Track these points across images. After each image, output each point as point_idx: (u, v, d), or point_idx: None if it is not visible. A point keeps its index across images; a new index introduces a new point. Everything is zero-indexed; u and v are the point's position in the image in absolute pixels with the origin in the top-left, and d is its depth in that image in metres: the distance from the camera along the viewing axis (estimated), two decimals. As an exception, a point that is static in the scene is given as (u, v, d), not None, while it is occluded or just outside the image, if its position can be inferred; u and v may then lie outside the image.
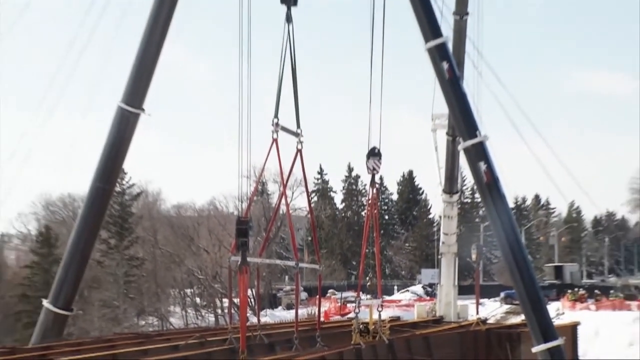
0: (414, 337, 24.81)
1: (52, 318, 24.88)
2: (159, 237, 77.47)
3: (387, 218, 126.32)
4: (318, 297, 24.99)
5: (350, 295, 70.71)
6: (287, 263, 72.18)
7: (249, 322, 22.88)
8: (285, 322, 33.18)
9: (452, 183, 33.86)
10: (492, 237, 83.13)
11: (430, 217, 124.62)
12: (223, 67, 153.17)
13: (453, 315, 33.06)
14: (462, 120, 24.09)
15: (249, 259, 16.44)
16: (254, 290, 31.81)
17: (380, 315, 22.76)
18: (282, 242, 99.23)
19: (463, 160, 27.47)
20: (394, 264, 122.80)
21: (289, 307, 76.08)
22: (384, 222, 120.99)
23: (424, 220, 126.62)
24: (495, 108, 26.08)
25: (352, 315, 24.47)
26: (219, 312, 70.62)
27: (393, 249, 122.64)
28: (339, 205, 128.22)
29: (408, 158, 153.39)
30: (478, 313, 32.47)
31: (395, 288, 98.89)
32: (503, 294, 77.32)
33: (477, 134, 23.49)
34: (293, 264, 21.96)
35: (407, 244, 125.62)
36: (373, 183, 23.80)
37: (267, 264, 45.54)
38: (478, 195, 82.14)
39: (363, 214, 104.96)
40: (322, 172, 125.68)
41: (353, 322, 22.44)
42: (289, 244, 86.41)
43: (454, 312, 33.35)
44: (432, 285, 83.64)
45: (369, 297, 31.75)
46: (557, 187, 28.46)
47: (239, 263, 16.04)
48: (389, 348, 22.38)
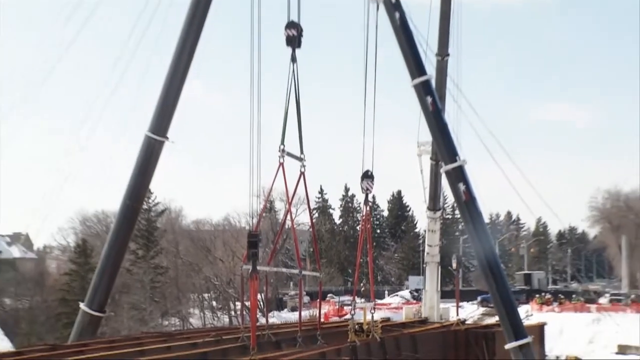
0: (403, 335, 24.77)
1: (87, 319, 24.82)
2: (180, 248, 77.12)
3: (379, 232, 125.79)
4: (319, 300, 24.98)
5: (347, 299, 70.30)
6: (291, 271, 71.00)
7: (259, 322, 22.72)
8: (290, 322, 33.06)
9: (435, 201, 33.82)
10: (470, 248, 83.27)
11: (417, 231, 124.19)
12: (236, 99, 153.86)
13: (436, 317, 32.84)
14: (443, 147, 24.05)
15: (259, 268, 16.38)
16: (263, 295, 31.63)
17: (373, 317, 22.67)
18: (287, 252, 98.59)
19: (445, 182, 27.52)
20: (385, 272, 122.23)
21: (294, 309, 75.69)
22: (376, 235, 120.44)
23: (411, 234, 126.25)
24: (473, 136, 26.07)
25: (348, 317, 24.27)
26: (233, 313, 70.12)
27: (384, 259, 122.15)
28: (337, 221, 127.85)
29: (397, 179, 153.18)
30: (458, 315, 32.44)
31: (386, 293, 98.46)
32: (480, 298, 76.93)
33: (457, 159, 23.46)
34: (297, 272, 21.92)
35: (396, 255, 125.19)
36: (367, 201, 23.87)
37: (274, 272, 45.31)
38: (458, 212, 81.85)
39: (358, 228, 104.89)
40: (322, 191, 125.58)
41: (349, 322, 22.33)
42: (294, 255, 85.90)
43: (437, 314, 33.13)
44: (418, 291, 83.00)
45: (363, 300, 31.75)
46: (526, 204, 28.29)
47: (250, 271, 16.01)
48: (381, 345, 22.36)
